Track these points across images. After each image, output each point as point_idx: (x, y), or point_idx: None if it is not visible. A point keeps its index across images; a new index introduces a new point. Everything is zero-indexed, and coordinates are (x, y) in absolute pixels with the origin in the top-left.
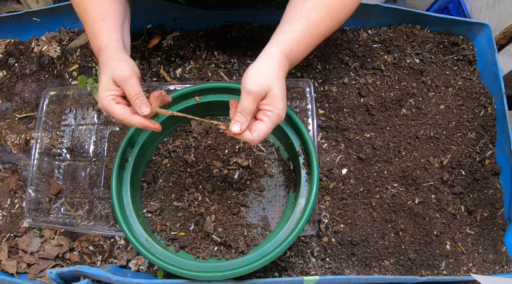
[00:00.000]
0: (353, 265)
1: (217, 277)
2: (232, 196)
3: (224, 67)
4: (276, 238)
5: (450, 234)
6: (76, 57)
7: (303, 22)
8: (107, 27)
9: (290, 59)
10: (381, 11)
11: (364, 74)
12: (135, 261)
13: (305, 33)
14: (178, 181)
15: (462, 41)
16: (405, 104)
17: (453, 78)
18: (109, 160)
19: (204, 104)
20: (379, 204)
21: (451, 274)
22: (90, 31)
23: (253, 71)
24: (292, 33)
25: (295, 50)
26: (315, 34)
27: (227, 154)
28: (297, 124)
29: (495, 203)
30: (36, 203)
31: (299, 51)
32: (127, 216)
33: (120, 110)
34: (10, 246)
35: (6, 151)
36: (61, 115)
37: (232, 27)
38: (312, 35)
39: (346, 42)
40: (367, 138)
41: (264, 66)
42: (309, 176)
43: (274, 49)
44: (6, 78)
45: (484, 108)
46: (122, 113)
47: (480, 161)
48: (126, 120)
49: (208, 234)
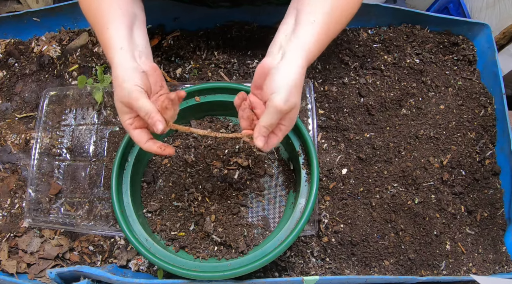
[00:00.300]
0: (353, 265)
1: (217, 277)
2: (232, 196)
3: (224, 67)
4: (276, 238)
5: (450, 234)
6: (76, 57)
7: (324, 27)
8: (111, 36)
9: (308, 64)
10: (381, 11)
11: (364, 74)
12: (135, 261)
13: (324, 37)
14: (178, 181)
15: (462, 41)
16: (405, 104)
17: (453, 78)
18: (109, 160)
19: (204, 104)
20: (379, 204)
21: (451, 274)
22: (101, 43)
23: (285, 83)
24: (314, 38)
25: (315, 55)
26: (330, 36)
27: (227, 154)
28: (297, 124)
29: (495, 203)
30: (36, 203)
31: (316, 56)
32: (127, 216)
33: (137, 137)
34: (10, 246)
35: (6, 151)
36: (61, 115)
37: (232, 27)
38: (329, 38)
39: (346, 42)
40: (367, 138)
41: (294, 79)
42: (309, 176)
43: (301, 60)
44: (6, 78)
45: (484, 108)
46: (139, 140)
47: (480, 161)
48: (143, 146)
49: (208, 234)
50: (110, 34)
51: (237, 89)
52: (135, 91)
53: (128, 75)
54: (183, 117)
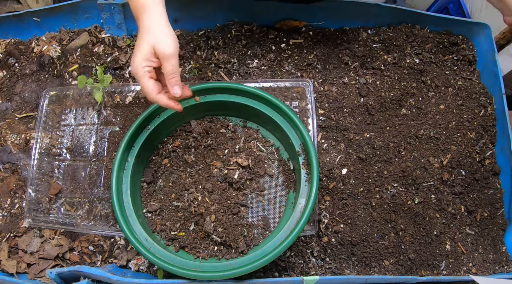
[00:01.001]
0: (353, 265)
1: (217, 277)
2: (232, 196)
3: (224, 67)
4: (276, 238)
5: (450, 234)
6: (76, 57)
7: None
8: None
9: None
10: (381, 10)
11: (364, 74)
12: (135, 261)
13: None
14: (178, 181)
15: (462, 41)
16: (405, 104)
17: (453, 78)
18: (109, 160)
19: (204, 104)
20: (379, 204)
21: (451, 274)
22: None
23: None
24: None
25: None
26: None
27: (227, 154)
28: (297, 124)
29: (495, 203)
30: (36, 203)
31: None
32: (127, 216)
33: (151, 86)
34: (10, 246)
35: (6, 151)
36: (61, 115)
37: (231, 27)
38: None
39: (346, 42)
40: (367, 138)
41: None
42: (309, 176)
43: None
44: (6, 78)
45: (484, 108)
46: (152, 90)
47: (480, 161)
48: (152, 97)
49: (208, 234)
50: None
51: (237, 89)
52: (174, 48)
53: (171, 31)
54: (183, 117)
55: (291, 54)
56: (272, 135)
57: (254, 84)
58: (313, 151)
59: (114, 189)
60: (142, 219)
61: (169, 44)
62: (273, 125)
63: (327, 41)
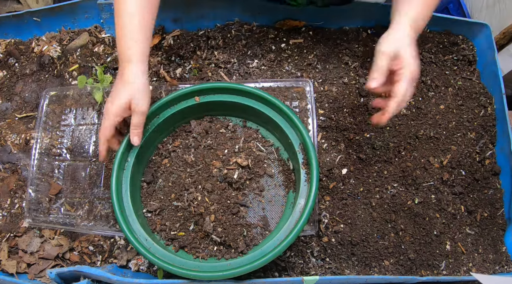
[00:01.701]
0: (353, 265)
1: (217, 277)
2: (231, 196)
3: (224, 67)
4: (275, 238)
5: (450, 234)
6: (76, 57)
7: None
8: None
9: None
10: (381, 10)
11: (364, 74)
12: (135, 261)
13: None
14: (178, 181)
15: (462, 41)
16: None
17: (453, 78)
18: (109, 160)
19: (204, 104)
20: (379, 204)
21: (451, 274)
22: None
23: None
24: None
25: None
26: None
27: (227, 154)
28: (297, 124)
29: (495, 203)
30: (36, 203)
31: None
32: (127, 216)
33: (109, 133)
34: (10, 246)
35: (6, 151)
36: (61, 115)
37: (231, 27)
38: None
39: (346, 42)
40: (367, 138)
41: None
42: (308, 176)
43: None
44: (6, 78)
45: (484, 108)
46: (106, 135)
47: (480, 161)
48: (101, 141)
49: (207, 234)
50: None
51: (237, 89)
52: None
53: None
54: (183, 117)
55: (291, 54)
56: (272, 135)
57: (254, 84)
58: (312, 151)
59: (114, 189)
60: (142, 219)
61: (145, 102)
62: (273, 125)
63: (327, 41)
